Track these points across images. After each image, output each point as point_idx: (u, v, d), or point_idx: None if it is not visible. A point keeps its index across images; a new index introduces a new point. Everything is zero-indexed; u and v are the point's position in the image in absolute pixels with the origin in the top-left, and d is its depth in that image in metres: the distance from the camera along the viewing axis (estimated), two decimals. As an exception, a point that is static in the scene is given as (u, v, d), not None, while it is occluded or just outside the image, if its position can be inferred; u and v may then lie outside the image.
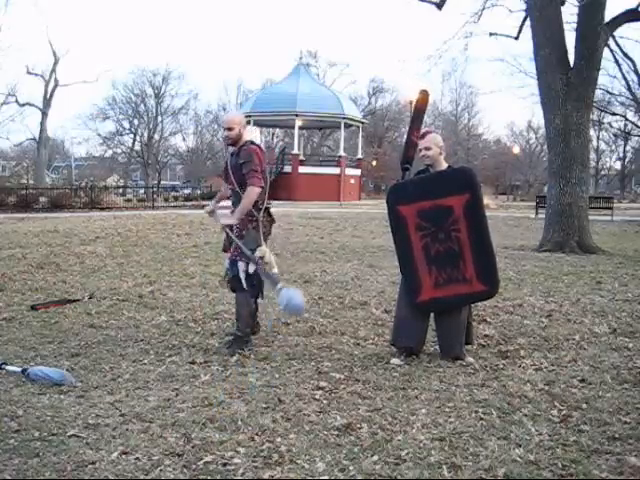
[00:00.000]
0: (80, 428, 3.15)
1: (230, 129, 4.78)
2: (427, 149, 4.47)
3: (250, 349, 4.63)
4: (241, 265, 4.70)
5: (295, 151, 38.38)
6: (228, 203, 5.06)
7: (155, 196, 30.60)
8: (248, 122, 4.78)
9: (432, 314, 4.54)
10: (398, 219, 4.44)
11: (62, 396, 3.62)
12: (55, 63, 45.92)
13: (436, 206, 4.34)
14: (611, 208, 22.88)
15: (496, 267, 4.49)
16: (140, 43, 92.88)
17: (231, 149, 4.91)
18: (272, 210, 4.93)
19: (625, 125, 37.95)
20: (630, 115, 33.61)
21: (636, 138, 47.89)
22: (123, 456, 2.85)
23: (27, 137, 49.63)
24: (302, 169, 37.18)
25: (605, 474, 2.71)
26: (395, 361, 4.34)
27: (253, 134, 5.09)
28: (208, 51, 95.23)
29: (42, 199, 25.55)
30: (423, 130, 4.65)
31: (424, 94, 4.76)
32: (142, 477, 2.67)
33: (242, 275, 4.72)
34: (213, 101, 78.60)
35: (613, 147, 60.85)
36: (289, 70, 41.28)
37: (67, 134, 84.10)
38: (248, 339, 4.76)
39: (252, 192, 4.66)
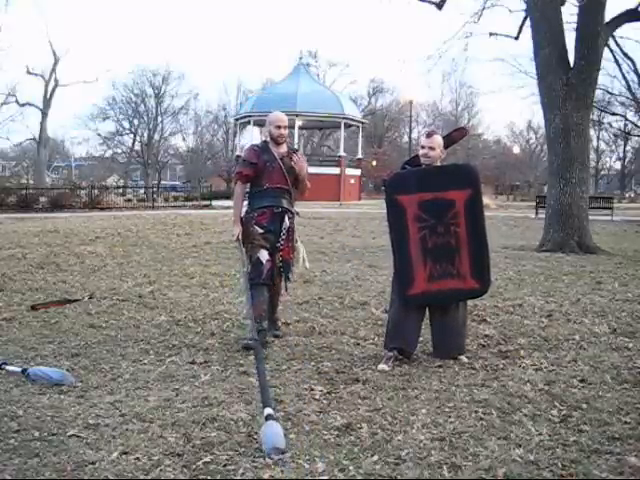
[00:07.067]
0: (80, 428, 3.15)
1: (286, 128, 5.03)
2: (431, 149, 4.43)
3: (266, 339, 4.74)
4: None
5: (295, 151, 38.30)
6: (245, 203, 5.13)
7: (155, 196, 30.61)
8: (248, 122, 4.69)
9: (427, 312, 4.51)
10: (397, 209, 4.37)
11: (62, 396, 3.62)
12: (55, 63, 45.99)
13: (438, 199, 4.31)
14: (611, 208, 22.89)
15: (489, 266, 4.47)
16: (140, 43, 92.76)
17: (281, 149, 4.99)
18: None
19: (625, 125, 38.01)
20: (630, 115, 33.70)
21: (636, 138, 47.92)
22: (123, 456, 2.84)
23: (27, 137, 49.70)
24: (302, 169, 37.12)
25: (605, 474, 2.70)
26: (382, 367, 4.19)
27: (253, 134, 5.14)
28: (208, 51, 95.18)
29: (42, 199, 25.58)
30: (429, 130, 4.65)
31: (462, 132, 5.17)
32: (142, 477, 2.67)
33: (291, 277, 5.12)
34: (213, 101, 78.40)
35: (613, 147, 60.94)
36: (289, 70, 41.23)
37: (67, 134, 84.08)
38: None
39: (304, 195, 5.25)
